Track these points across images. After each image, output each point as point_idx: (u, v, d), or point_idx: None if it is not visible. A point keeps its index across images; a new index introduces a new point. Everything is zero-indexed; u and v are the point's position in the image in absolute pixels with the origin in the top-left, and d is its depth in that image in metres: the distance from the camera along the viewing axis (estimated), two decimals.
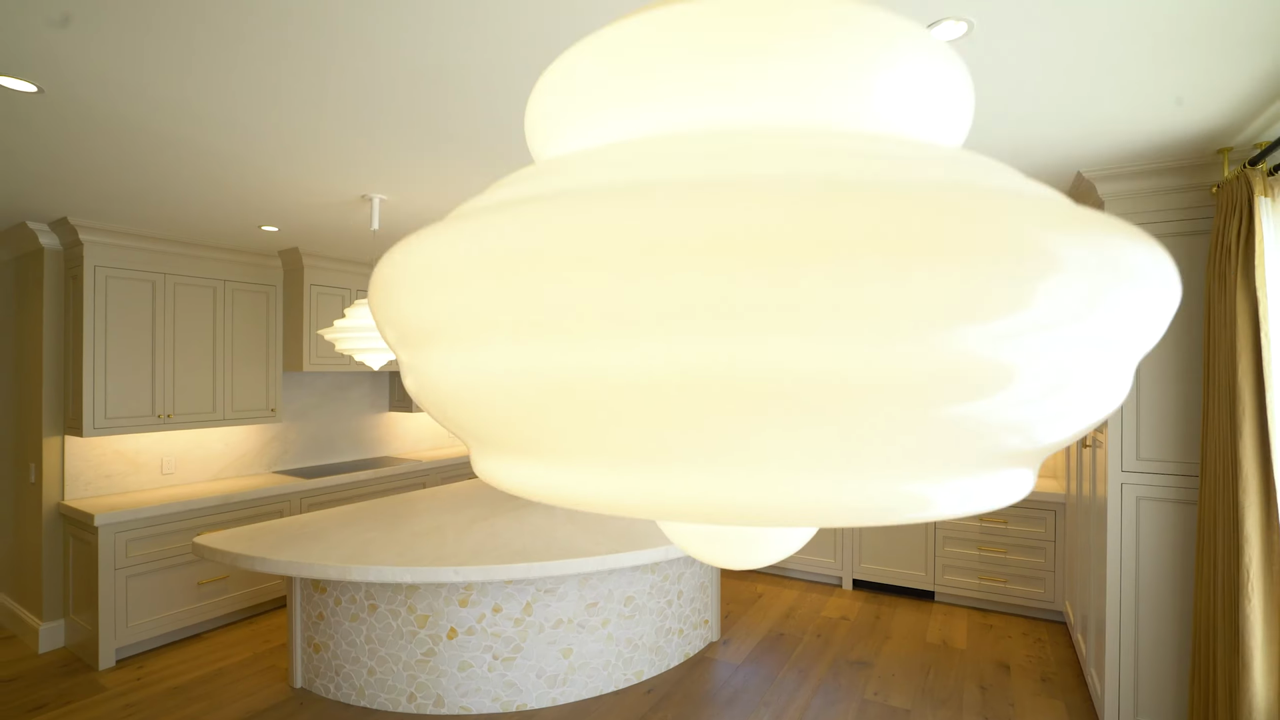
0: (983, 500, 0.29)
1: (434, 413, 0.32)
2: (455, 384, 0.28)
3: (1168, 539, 2.39)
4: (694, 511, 0.27)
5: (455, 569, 2.41)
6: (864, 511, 0.27)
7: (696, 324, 0.21)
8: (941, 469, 0.26)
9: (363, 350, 2.74)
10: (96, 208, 3.07)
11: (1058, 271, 0.22)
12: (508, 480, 0.32)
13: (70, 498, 3.49)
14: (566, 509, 3.54)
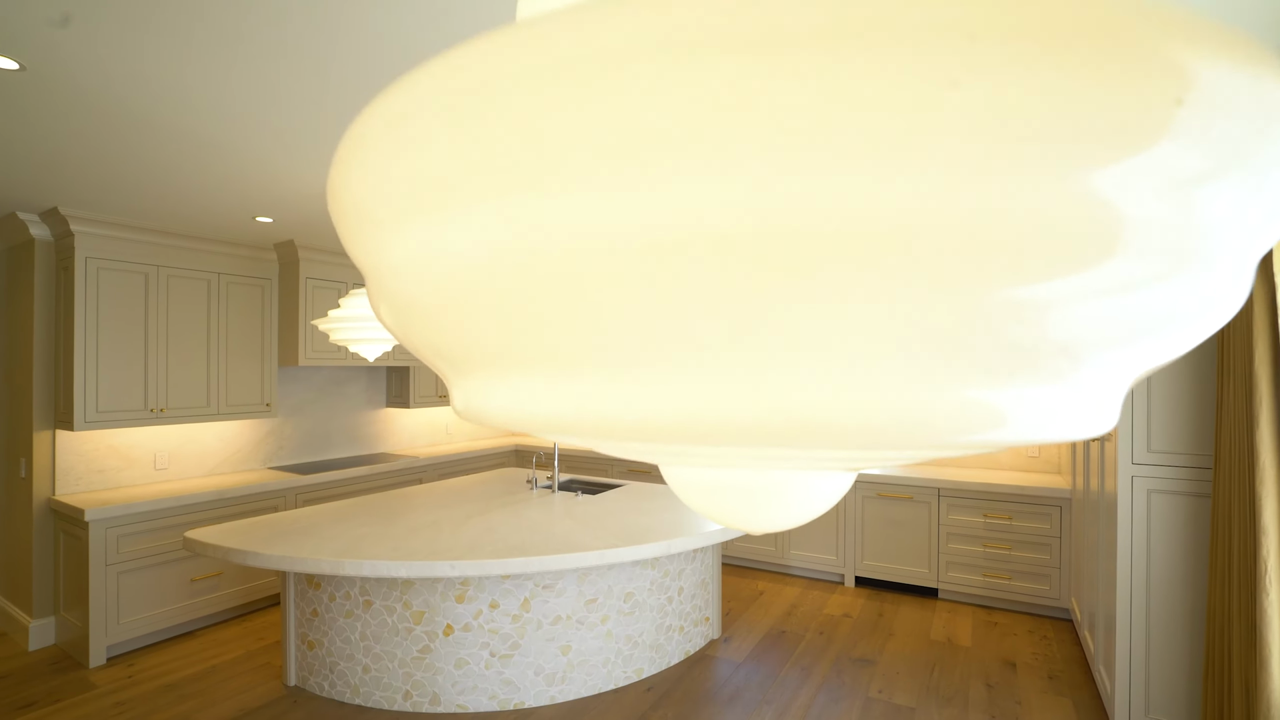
0: (1064, 425, 0.24)
1: (402, 324, 0.27)
2: (426, 275, 0.23)
3: (1180, 533, 2.33)
4: (718, 431, 0.21)
5: (451, 563, 2.36)
6: (923, 430, 0.21)
7: (730, 158, 0.16)
8: (1020, 373, 0.21)
9: (357, 341, 2.68)
10: (88, 198, 3.02)
11: (1216, 106, 0.17)
12: (496, 407, 0.27)
13: (61, 493, 3.44)
14: (563, 506, 3.49)
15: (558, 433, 0.25)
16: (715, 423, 0.21)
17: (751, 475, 0.34)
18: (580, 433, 0.23)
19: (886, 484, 4.15)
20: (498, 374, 0.24)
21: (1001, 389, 0.21)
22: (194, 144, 2.33)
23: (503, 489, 3.73)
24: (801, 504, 0.36)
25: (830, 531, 4.33)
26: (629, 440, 0.23)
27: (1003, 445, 0.23)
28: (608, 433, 0.23)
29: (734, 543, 4.65)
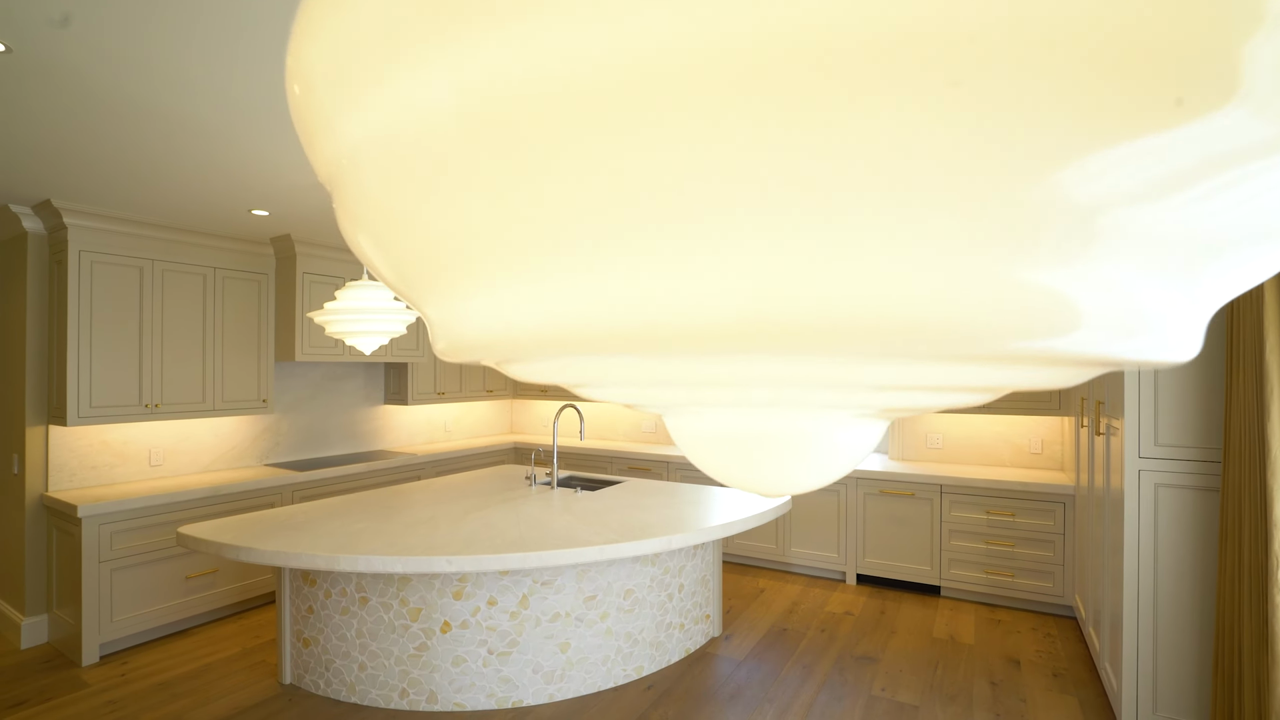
0: (1148, 338, 0.20)
1: (373, 237, 0.23)
2: (388, 159, 0.19)
3: (1188, 527, 2.30)
4: (737, 329, 0.18)
5: (448, 559, 2.32)
6: (977, 324, 0.18)
7: None
8: (1102, 260, 0.18)
9: (354, 334, 2.65)
10: (81, 190, 2.98)
11: None
12: (479, 326, 0.23)
13: (54, 489, 3.40)
14: (562, 502, 3.45)
15: (550, 350, 0.21)
16: (733, 317, 0.17)
17: (766, 423, 0.30)
18: (577, 344, 0.20)
19: (888, 480, 4.12)
20: (477, 282, 0.21)
21: (1079, 277, 0.17)
22: (191, 133, 2.30)
23: (501, 485, 3.69)
24: (821, 460, 0.32)
25: (831, 529, 4.30)
26: (633, 350, 0.19)
27: (1067, 357, 0.20)
28: (608, 340, 0.19)
29: (734, 540, 4.62)
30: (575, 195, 0.16)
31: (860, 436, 0.32)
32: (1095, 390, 2.99)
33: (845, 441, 0.32)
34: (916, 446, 4.53)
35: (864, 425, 0.32)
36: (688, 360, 0.20)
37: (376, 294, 2.64)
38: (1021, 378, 0.23)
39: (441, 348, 0.30)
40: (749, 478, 0.34)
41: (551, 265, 0.18)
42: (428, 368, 5.20)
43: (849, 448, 0.33)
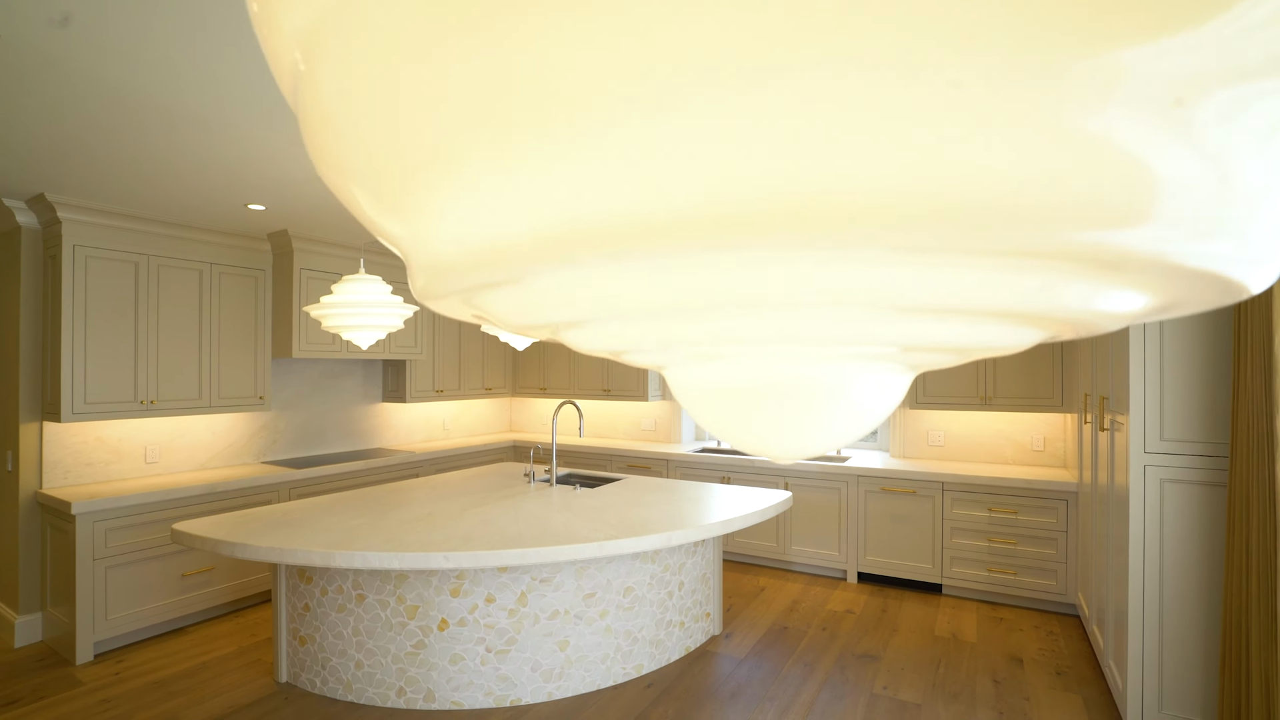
0: (1228, 248, 0.17)
1: (323, 141, 0.21)
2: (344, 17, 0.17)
3: (1195, 523, 2.27)
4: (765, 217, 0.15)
5: (445, 555, 2.29)
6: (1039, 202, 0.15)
7: None
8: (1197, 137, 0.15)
9: (351, 328, 2.62)
10: (75, 183, 2.95)
11: None
12: (455, 234, 0.20)
13: (49, 486, 3.37)
14: (561, 499, 3.42)
15: (540, 257, 0.18)
16: (765, 192, 0.14)
17: (777, 371, 0.28)
18: (572, 244, 0.17)
19: (889, 478, 4.09)
20: (456, 179, 0.18)
21: (1165, 145, 0.14)
22: (188, 125, 2.27)
23: (500, 482, 3.67)
24: (838, 416, 0.30)
25: (832, 527, 4.27)
26: (637, 247, 0.16)
27: (1131, 257, 0.17)
28: (610, 235, 0.16)
29: (735, 538, 4.59)
30: (573, 48, 0.13)
31: (880, 389, 0.30)
32: (1099, 386, 2.96)
33: (864, 394, 0.29)
34: (918, 444, 4.51)
35: (884, 376, 0.29)
36: (701, 264, 0.17)
37: (373, 288, 2.62)
38: (1067, 298, 0.20)
39: (421, 284, 0.27)
40: (758, 437, 0.31)
41: (543, 140, 0.15)
42: (426, 365, 5.17)
43: (868, 402, 0.30)
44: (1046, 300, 0.20)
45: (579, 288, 0.20)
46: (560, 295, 0.21)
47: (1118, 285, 0.19)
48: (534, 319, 0.26)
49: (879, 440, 4.86)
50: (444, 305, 0.28)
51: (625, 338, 0.26)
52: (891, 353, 0.26)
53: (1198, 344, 2.27)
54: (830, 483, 4.28)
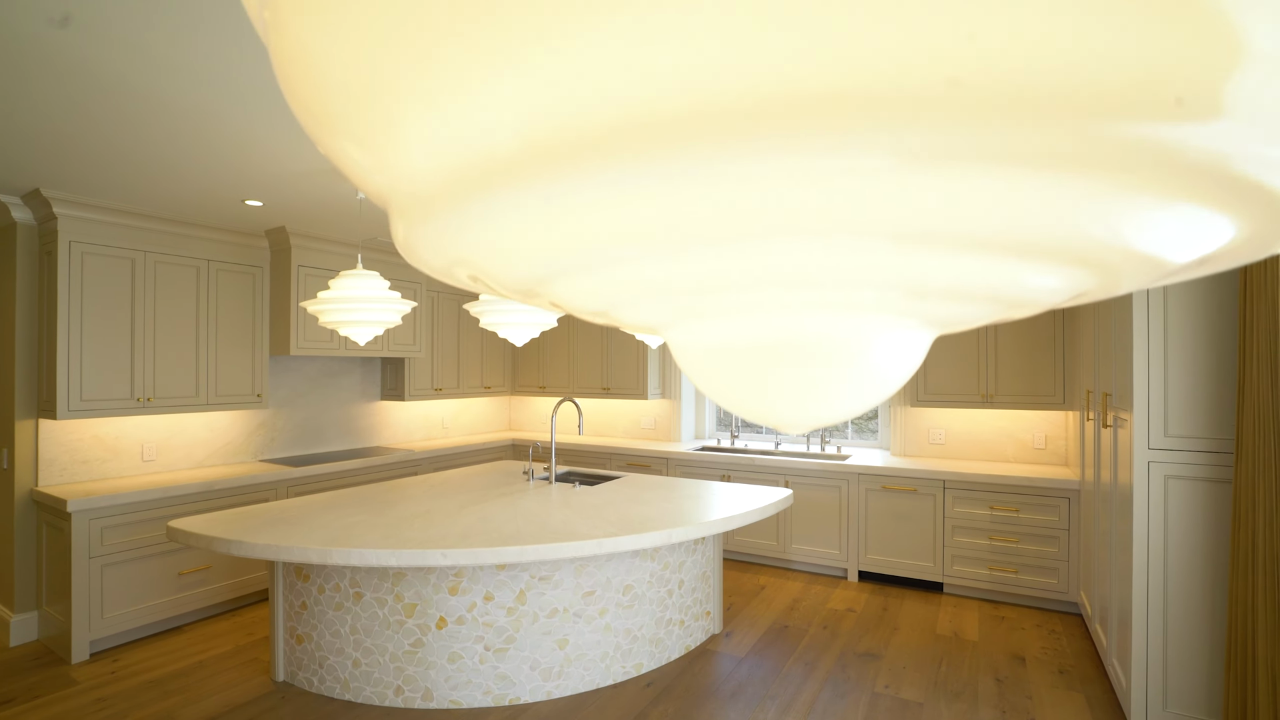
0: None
1: (294, 60, 0.19)
2: None
3: (1199, 520, 2.25)
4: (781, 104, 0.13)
5: (443, 552, 2.27)
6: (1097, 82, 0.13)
7: None
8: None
9: (348, 324, 2.60)
10: (71, 178, 2.93)
11: None
12: (432, 149, 0.18)
13: (44, 484, 3.34)
14: (561, 496, 3.40)
15: (524, 177, 0.16)
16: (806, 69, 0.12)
17: (787, 327, 0.26)
18: (562, 147, 0.15)
19: (890, 476, 4.07)
20: (432, 82, 0.16)
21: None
22: (185, 119, 2.25)
23: (499, 480, 3.64)
24: (853, 378, 0.27)
25: (833, 525, 4.25)
26: (638, 149, 0.14)
27: (1196, 163, 0.15)
28: (606, 137, 0.14)
29: (735, 537, 4.57)
30: None
31: (897, 349, 0.27)
32: (1102, 382, 2.95)
33: (880, 354, 0.27)
34: (918, 442, 4.49)
35: (901, 334, 0.27)
36: (712, 175, 0.15)
37: (371, 283, 2.60)
38: (1117, 225, 0.18)
39: (402, 233, 0.25)
40: (767, 404, 0.29)
41: (528, 24, 0.13)
42: (425, 363, 5.15)
43: (884, 363, 0.28)
44: (1096, 229, 0.18)
45: (567, 212, 0.18)
46: (547, 226, 0.19)
47: (1181, 203, 0.17)
48: (520, 266, 0.24)
49: (879, 438, 4.84)
50: (427, 255, 0.26)
51: (617, 284, 0.23)
52: (907, 300, 0.23)
53: (1202, 338, 2.25)
54: (831, 481, 4.26)
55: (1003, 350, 4.04)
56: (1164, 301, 2.31)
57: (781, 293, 0.23)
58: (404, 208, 0.23)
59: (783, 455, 4.56)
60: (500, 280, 0.27)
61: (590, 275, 0.24)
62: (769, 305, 0.24)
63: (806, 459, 4.36)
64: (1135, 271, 0.22)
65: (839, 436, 4.99)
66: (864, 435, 4.91)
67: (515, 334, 2.62)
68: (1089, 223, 0.17)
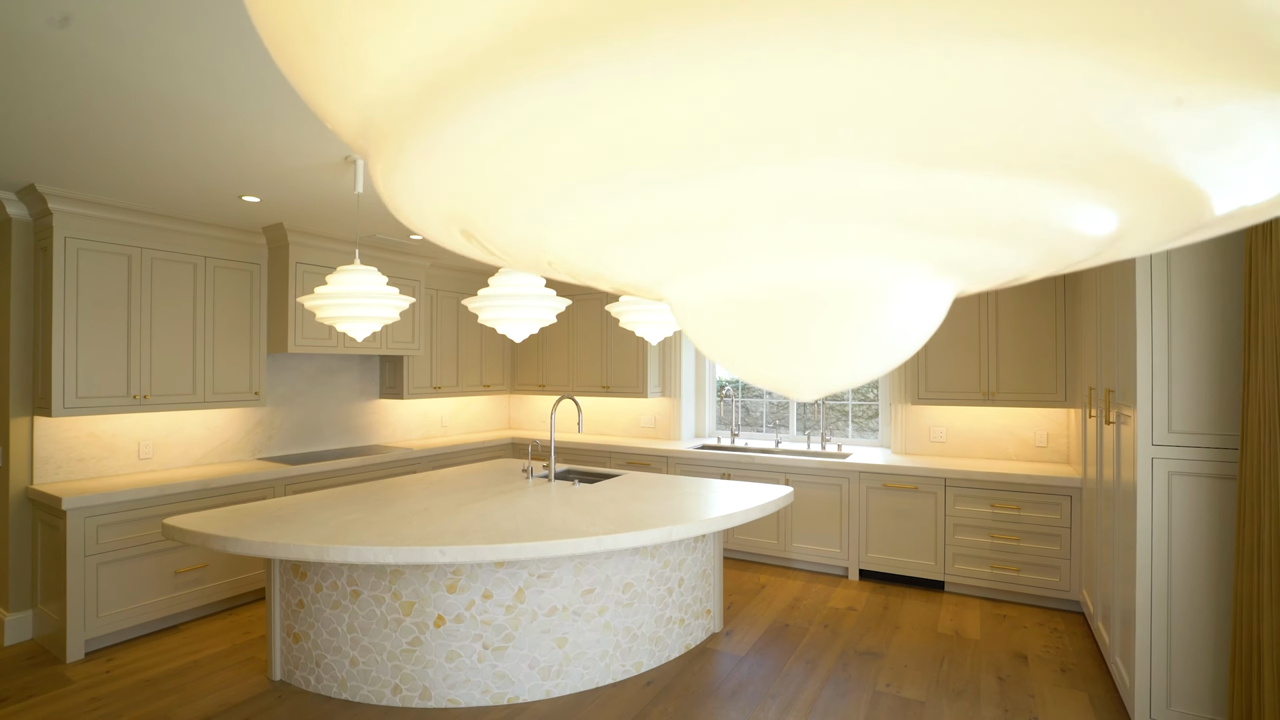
0: None
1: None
2: None
3: (1204, 516, 2.23)
4: None
5: (441, 549, 2.25)
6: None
7: None
8: None
9: (345, 319, 2.58)
10: (66, 173, 2.91)
11: None
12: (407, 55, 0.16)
13: (40, 482, 3.32)
14: (560, 494, 3.37)
15: (502, 76, 0.14)
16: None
17: (798, 276, 0.24)
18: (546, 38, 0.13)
19: (891, 474, 4.05)
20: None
21: None
22: (182, 112, 2.22)
23: (497, 478, 3.62)
24: (869, 333, 0.25)
25: (834, 524, 4.23)
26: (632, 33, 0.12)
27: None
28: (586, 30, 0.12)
29: (735, 535, 4.55)
30: None
31: (917, 301, 0.25)
32: (1105, 379, 2.93)
33: (898, 306, 0.25)
34: (919, 440, 4.47)
35: (922, 284, 0.25)
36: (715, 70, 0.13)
37: (368, 278, 2.57)
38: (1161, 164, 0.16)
39: (381, 171, 0.23)
40: (775, 364, 0.27)
41: None
42: (424, 361, 5.12)
43: (899, 318, 0.25)
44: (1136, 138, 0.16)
45: (550, 124, 0.16)
46: (533, 142, 0.17)
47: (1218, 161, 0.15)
48: (509, 207, 0.22)
49: (880, 436, 4.82)
50: (411, 200, 0.24)
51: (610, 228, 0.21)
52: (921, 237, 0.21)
53: (1206, 333, 2.23)
54: (831, 479, 4.24)
55: (1004, 347, 4.02)
56: (1167, 295, 2.29)
57: (785, 231, 0.20)
58: (381, 138, 0.21)
59: (783, 453, 4.54)
60: (491, 230, 0.25)
61: (580, 217, 0.22)
62: (772, 247, 0.22)
63: (807, 457, 4.34)
64: (1178, 207, 0.20)
65: (839, 435, 4.97)
66: (864, 434, 4.89)
67: (514, 329, 2.60)
68: (1131, 124, 0.15)
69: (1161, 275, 2.30)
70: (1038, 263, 0.25)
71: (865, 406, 4.87)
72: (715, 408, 5.55)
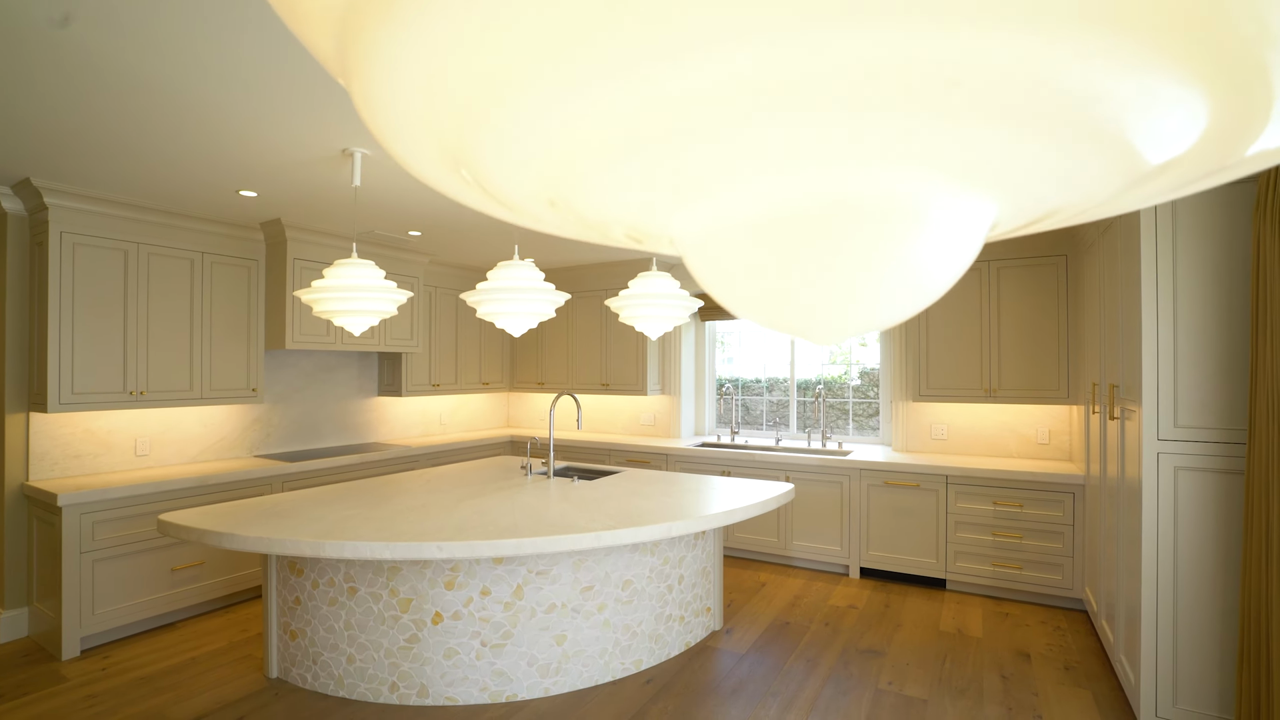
0: None
1: None
2: None
3: (1210, 511, 2.21)
4: None
5: (438, 545, 2.22)
6: None
7: None
8: None
9: (342, 313, 2.55)
10: (62, 167, 2.88)
11: None
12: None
13: (35, 478, 3.29)
14: (559, 490, 3.34)
15: None
16: None
17: (800, 189, 0.21)
18: None
19: (892, 471, 4.03)
20: None
21: None
22: (179, 103, 2.20)
23: (496, 475, 3.60)
24: (889, 259, 0.23)
25: (834, 521, 4.21)
26: None
27: None
28: None
29: (735, 533, 4.52)
30: None
31: (950, 225, 0.23)
32: (1109, 374, 2.90)
33: (930, 229, 0.23)
34: (920, 437, 4.45)
35: (955, 205, 0.22)
36: None
37: (365, 271, 2.55)
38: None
39: (363, 97, 0.21)
40: (791, 302, 0.24)
41: None
42: (422, 359, 5.10)
43: (934, 243, 0.23)
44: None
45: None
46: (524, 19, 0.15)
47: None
48: (502, 114, 0.19)
49: (881, 434, 4.79)
50: (397, 120, 0.21)
51: (613, 143, 0.19)
52: (953, 137, 0.19)
53: (1213, 325, 2.21)
54: (832, 476, 4.21)
55: (1005, 344, 4.00)
56: (1173, 287, 2.27)
57: (804, 126, 0.18)
58: (356, 42, 0.18)
59: (783, 451, 4.51)
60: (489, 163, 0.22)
61: (579, 115, 0.19)
62: (790, 152, 0.19)
63: (807, 454, 4.32)
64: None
65: (840, 433, 4.95)
66: (864, 432, 4.86)
67: (512, 324, 2.58)
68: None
69: (1168, 266, 2.28)
70: (1085, 184, 0.22)
71: (866, 405, 4.85)
72: (715, 406, 5.52)
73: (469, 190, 0.29)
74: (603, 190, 0.24)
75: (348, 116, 2.35)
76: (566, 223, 0.30)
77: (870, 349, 4.85)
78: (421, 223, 3.94)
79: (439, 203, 3.52)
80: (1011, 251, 3.98)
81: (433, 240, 4.43)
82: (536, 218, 0.31)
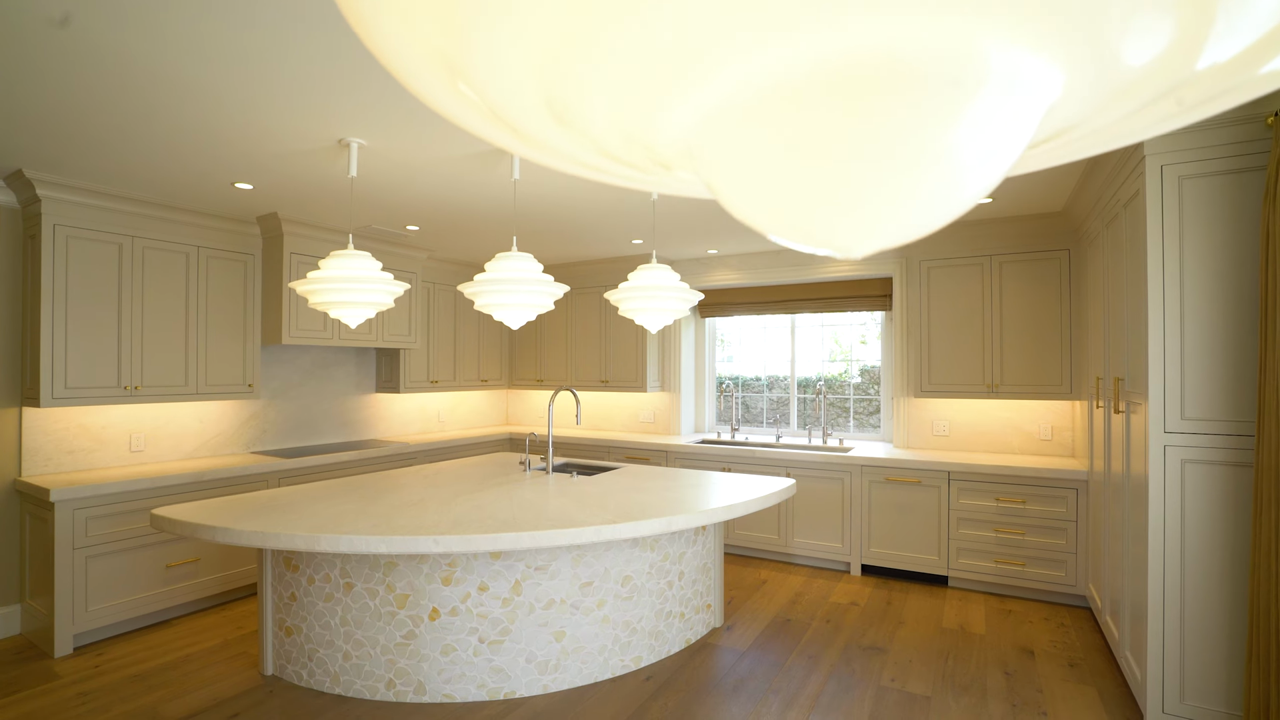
0: None
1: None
2: None
3: (1218, 505, 2.18)
4: None
5: (435, 539, 2.19)
6: None
7: None
8: None
9: (339, 304, 2.52)
10: (55, 158, 2.85)
11: None
12: None
13: (28, 474, 3.26)
14: (558, 486, 3.31)
15: None
16: None
17: (854, 57, 0.18)
18: None
19: (894, 467, 4.00)
20: None
21: None
22: (174, 91, 2.16)
23: (494, 470, 3.56)
24: (940, 145, 0.20)
25: (835, 518, 4.17)
26: None
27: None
28: None
29: (735, 530, 4.49)
30: None
31: (1001, 104, 0.20)
32: (1113, 367, 2.87)
33: (980, 105, 0.19)
34: (922, 434, 4.41)
35: (1012, 79, 0.19)
36: None
37: (362, 263, 2.52)
38: None
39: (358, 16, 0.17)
40: (814, 199, 0.21)
41: None
42: (421, 355, 5.07)
43: (982, 120, 0.20)
44: None
45: None
46: None
47: None
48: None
49: (882, 431, 4.76)
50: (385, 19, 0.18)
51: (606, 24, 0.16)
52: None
53: (1220, 316, 2.18)
54: (833, 473, 4.18)
55: (1008, 339, 3.96)
56: (1179, 277, 2.24)
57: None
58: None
59: (784, 448, 4.48)
60: (479, 46, 0.19)
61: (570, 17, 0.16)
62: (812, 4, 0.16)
63: (808, 451, 4.29)
64: None
65: (840, 429, 4.91)
66: (865, 429, 4.83)
67: (511, 316, 2.54)
68: None
69: (1174, 255, 2.24)
70: (1155, 61, 0.19)
71: (866, 403, 4.81)
72: (715, 403, 5.49)
73: (470, 111, 0.26)
74: (603, 71, 0.21)
75: (345, 105, 2.32)
76: (576, 145, 0.27)
77: (871, 346, 4.82)
78: (419, 217, 3.91)
79: (437, 194, 3.48)
80: (1013, 247, 3.95)
81: (430, 235, 4.40)
82: (543, 141, 0.28)
